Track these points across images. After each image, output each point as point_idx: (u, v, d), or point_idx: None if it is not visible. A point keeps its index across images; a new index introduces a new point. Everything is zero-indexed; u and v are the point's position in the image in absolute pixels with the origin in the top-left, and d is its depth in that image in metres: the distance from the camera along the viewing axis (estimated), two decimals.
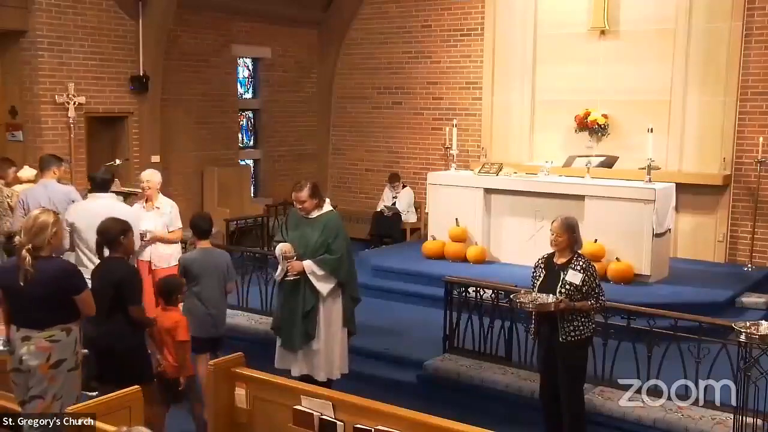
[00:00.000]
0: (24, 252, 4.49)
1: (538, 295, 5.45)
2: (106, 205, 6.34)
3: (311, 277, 5.94)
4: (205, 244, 6.35)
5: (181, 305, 5.84)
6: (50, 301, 4.55)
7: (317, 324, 6.03)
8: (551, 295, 5.37)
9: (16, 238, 4.67)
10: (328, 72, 13.44)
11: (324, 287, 5.99)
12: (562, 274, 5.39)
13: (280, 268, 6.07)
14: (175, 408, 5.64)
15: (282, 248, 5.98)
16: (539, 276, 5.55)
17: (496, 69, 11.61)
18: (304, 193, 6.00)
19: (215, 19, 11.86)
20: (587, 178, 9.36)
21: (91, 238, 5.67)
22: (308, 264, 5.92)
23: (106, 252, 5.22)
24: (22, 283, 4.48)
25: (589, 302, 5.36)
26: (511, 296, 5.75)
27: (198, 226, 6.33)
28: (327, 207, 6.18)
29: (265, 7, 12.35)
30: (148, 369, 5.30)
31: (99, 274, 5.24)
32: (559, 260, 5.47)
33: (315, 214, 6.08)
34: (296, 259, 5.93)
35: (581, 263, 5.40)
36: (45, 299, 4.53)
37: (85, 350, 5.01)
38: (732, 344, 5.46)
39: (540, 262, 5.62)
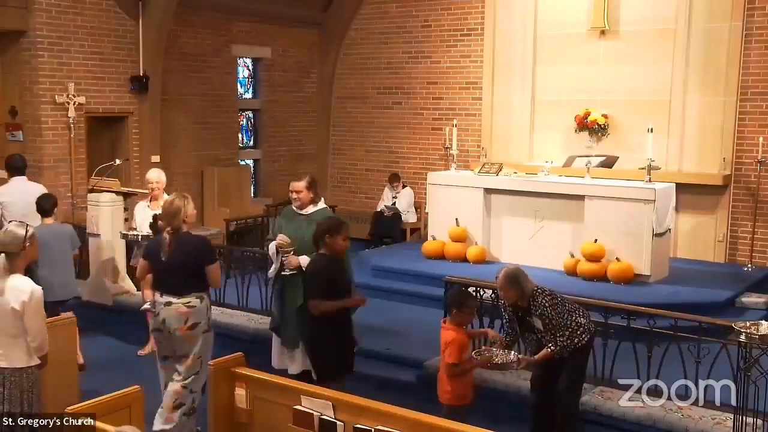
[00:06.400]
0: (165, 233, 5.39)
1: (498, 352, 5.35)
2: (29, 185, 7.91)
3: None
4: (48, 220, 7.33)
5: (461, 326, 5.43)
6: (187, 271, 5.34)
7: None
8: (513, 352, 5.33)
9: (159, 223, 5.61)
10: (328, 72, 13.44)
11: None
12: (530, 320, 5.32)
13: (273, 265, 6.09)
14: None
15: (279, 240, 5.98)
16: (513, 320, 5.46)
17: (496, 69, 11.61)
18: (302, 184, 6.06)
19: (215, 19, 11.86)
20: (587, 178, 9.35)
21: (21, 213, 7.04)
22: (304, 259, 5.91)
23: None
24: (163, 258, 5.32)
25: (548, 348, 5.24)
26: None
27: (39, 206, 7.33)
28: (321, 205, 6.21)
29: (265, 7, 12.35)
30: (339, 365, 5.42)
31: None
32: (522, 304, 5.37)
33: (310, 210, 6.10)
34: (293, 254, 5.93)
35: (538, 310, 5.26)
36: (183, 270, 5.33)
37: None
38: (732, 344, 5.44)
39: (507, 304, 5.49)
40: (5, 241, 4.46)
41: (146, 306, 5.79)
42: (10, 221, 6.86)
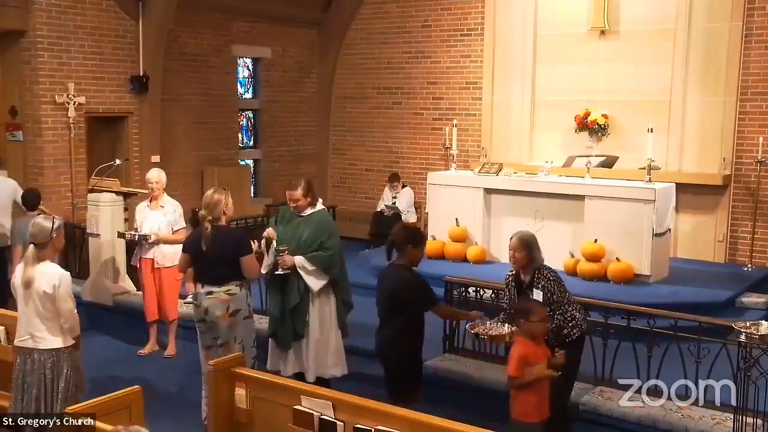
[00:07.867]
0: (206, 223, 5.61)
1: (493, 324, 5.35)
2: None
3: (301, 272, 5.96)
4: (33, 214, 7.38)
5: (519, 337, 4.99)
6: (226, 261, 5.59)
7: (307, 323, 6.04)
8: (507, 325, 5.30)
9: (200, 213, 5.76)
10: (328, 72, 13.44)
11: (315, 283, 6.00)
12: (529, 293, 5.34)
13: (266, 259, 6.10)
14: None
15: (266, 233, 6.09)
16: (514, 299, 5.48)
17: (496, 69, 11.61)
18: (298, 192, 6.05)
19: (215, 19, 11.86)
20: (587, 178, 9.36)
21: None
22: (299, 259, 5.94)
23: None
24: (204, 248, 5.55)
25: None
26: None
27: (25, 201, 7.89)
28: (319, 206, 6.21)
29: (265, 7, 12.35)
30: (414, 383, 5.44)
31: (382, 280, 5.69)
32: (525, 278, 5.40)
33: (308, 211, 6.12)
34: (287, 254, 5.94)
35: (542, 281, 5.31)
36: (222, 259, 5.59)
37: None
38: (732, 344, 5.45)
39: (510, 279, 5.54)
40: (34, 233, 4.86)
41: (189, 299, 6.17)
42: None
